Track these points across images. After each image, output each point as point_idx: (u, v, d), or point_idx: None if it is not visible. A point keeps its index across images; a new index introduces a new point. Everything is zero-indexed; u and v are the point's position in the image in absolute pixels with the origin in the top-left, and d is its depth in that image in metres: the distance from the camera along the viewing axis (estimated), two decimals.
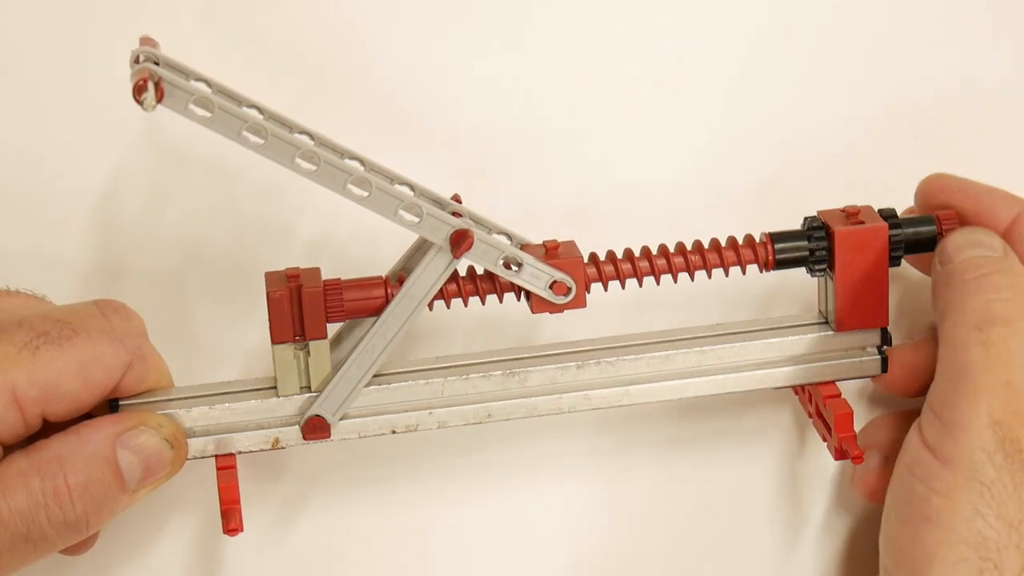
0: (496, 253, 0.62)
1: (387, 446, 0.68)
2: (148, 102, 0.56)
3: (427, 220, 0.61)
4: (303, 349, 0.63)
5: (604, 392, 0.65)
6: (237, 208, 0.68)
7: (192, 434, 0.63)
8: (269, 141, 0.58)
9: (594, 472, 0.73)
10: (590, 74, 0.70)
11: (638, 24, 0.69)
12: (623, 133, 0.70)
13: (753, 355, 0.66)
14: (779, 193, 0.71)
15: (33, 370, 0.58)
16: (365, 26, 0.68)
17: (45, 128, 0.66)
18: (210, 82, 0.59)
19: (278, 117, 0.60)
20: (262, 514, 0.71)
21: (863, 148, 0.72)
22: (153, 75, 0.56)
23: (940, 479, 0.60)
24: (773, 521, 0.74)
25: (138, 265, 0.68)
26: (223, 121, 0.58)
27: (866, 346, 0.66)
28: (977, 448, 0.59)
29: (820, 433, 0.68)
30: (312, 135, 0.61)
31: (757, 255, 0.65)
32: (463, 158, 0.69)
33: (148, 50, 0.58)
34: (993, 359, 0.60)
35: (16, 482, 0.58)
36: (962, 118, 0.72)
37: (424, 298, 0.62)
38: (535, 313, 0.63)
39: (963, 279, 0.62)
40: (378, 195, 0.60)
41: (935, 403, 0.61)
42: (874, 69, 0.71)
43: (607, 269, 0.64)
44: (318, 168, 0.59)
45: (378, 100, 0.68)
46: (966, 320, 0.61)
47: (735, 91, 0.71)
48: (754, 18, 0.70)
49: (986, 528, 0.59)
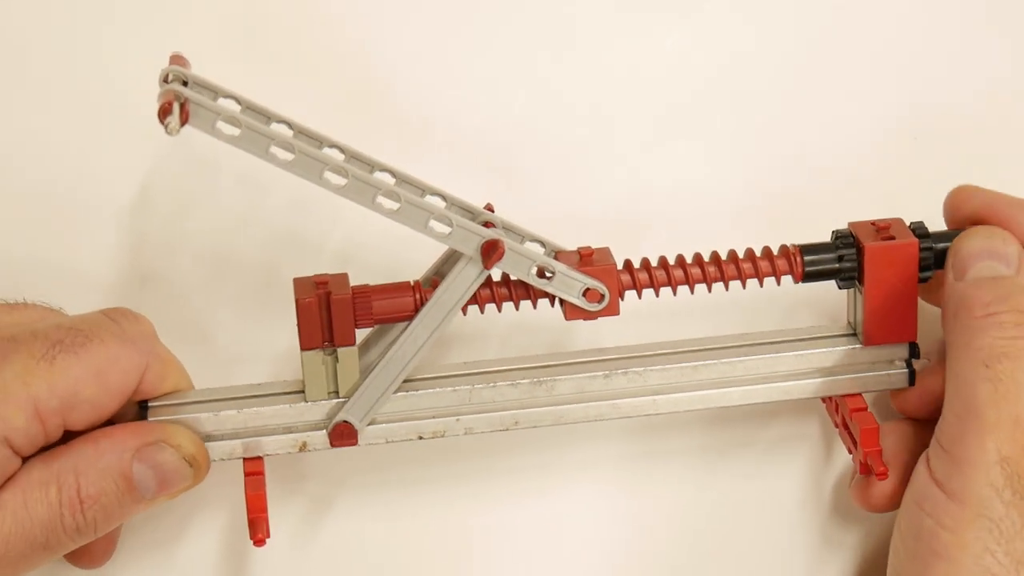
0: (528, 262, 0.62)
1: (414, 449, 0.68)
2: (172, 126, 0.56)
3: (457, 231, 0.61)
4: (331, 355, 0.63)
5: (632, 401, 0.65)
6: (266, 214, 0.68)
7: (220, 437, 0.63)
8: (297, 157, 0.58)
9: (619, 479, 0.73)
10: (622, 83, 0.70)
11: (668, 33, 0.69)
12: (643, 142, 0.70)
13: (781, 366, 0.66)
14: (798, 204, 0.71)
15: (52, 380, 0.58)
16: (394, 34, 0.68)
17: (73, 137, 0.67)
18: (239, 99, 0.59)
19: (307, 131, 0.61)
20: (290, 514, 0.71)
21: (886, 159, 0.72)
22: (179, 96, 0.56)
23: (949, 514, 0.60)
24: (798, 531, 0.74)
25: (164, 270, 0.68)
26: (251, 139, 0.58)
27: (894, 359, 0.66)
28: (986, 484, 0.59)
29: (846, 444, 0.68)
30: (342, 148, 0.61)
31: (783, 267, 0.65)
32: (493, 165, 0.69)
33: (177, 69, 0.58)
34: (1002, 395, 0.60)
35: (38, 493, 0.58)
36: (982, 127, 0.72)
37: (455, 307, 0.62)
38: (568, 320, 0.64)
39: (970, 316, 0.61)
40: (408, 208, 0.60)
41: (943, 439, 0.61)
42: (897, 78, 0.71)
43: (641, 276, 0.64)
44: (347, 183, 0.59)
45: (408, 109, 0.68)
46: (973, 356, 0.60)
47: (756, 101, 0.70)
48: (797, 24, 0.70)
49: (995, 565, 0.59)
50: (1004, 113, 0.72)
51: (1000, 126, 0.72)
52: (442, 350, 0.70)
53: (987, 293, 0.61)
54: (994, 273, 0.62)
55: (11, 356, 0.58)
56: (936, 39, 0.71)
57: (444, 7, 0.68)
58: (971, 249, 0.63)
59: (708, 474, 0.73)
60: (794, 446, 0.73)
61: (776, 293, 0.69)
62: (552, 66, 0.69)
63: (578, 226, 0.68)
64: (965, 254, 0.63)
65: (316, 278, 0.62)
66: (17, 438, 0.58)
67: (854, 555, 0.75)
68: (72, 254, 0.67)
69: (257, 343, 0.69)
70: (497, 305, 0.64)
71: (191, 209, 0.68)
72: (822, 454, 0.74)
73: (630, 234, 0.70)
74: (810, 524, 0.74)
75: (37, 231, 0.67)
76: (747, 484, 0.73)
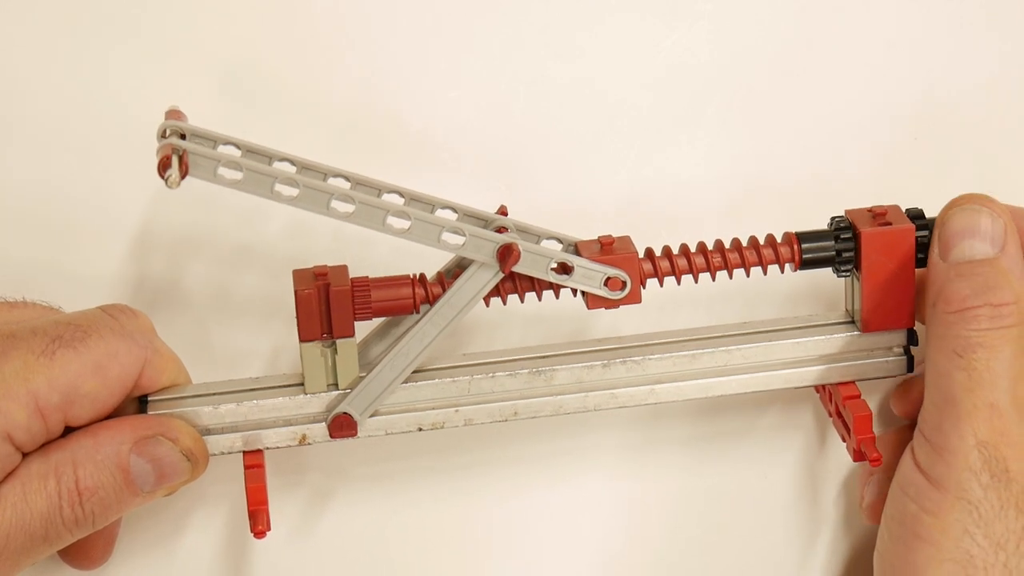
0: (545, 261, 0.63)
1: (415, 440, 0.68)
2: (172, 179, 0.57)
3: (471, 241, 0.61)
4: (331, 347, 0.63)
5: (630, 391, 0.65)
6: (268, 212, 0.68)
7: (220, 431, 0.63)
8: (302, 192, 0.59)
9: (617, 468, 0.73)
10: (623, 76, 0.70)
11: (669, 26, 0.69)
12: (644, 135, 0.70)
13: (780, 354, 0.66)
14: (798, 201, 0.71)
15: (52, 375, 0.58)
16: (394, 34, 0.68)
17: (75, 148, 0.67)
18: (238, 144, 0.60)
19: (310, 165, 0.61)
20: (290, 508, 0.71)
21: (885, 155, 0.72)
22: (177, 149, 0.57)
23: (931, 499, 0.61)
24: (792, 519, 0.75)
25: (164, 270, 0.68)
26: (254, 181, 0.58)
27: (892, 346, 0.66)
28: (964, 469, 0.60)
29: (840, 433, 0.68)
30: (347, 176, 0.62)
31: (783, 255, 0.65)
32: (474, 159, 0.69)
33: (174, 123, 0.59)
34: (976, 382, 0.61)
35: (37, 485, 0.58)
36: (981, 122, 0.72)
37: (465, 307, 0.62)
38: (591, 309, 0.64)
39: (947, 309, 0.62)
40: (418, 225, 0.61)
41: (924, 427, 0.62)
42: (896, 73, 0.71)
43: (663, 265, 0.64)
44: (355, 209, 0.60)
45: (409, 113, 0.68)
46: (947, 347, 0.61)
47: (755, 93, 0.71)
48: (774, 16, 0.70)
49: (974, 547, 0.60)
50: (1003, 109, 0.72)
51: (999, 121, 0.72)
52: (463, 339, 0.70)
53: (965, 286, 0.62)
54: (977, 254, 0.63)
55: (11, 352, 0.58)
56: (934, 34, 0.71)
57: (443, 7, 0.68)
58: (955, 227, 0.63)
59: (704, 462, 0.73)
60: (789, 435, 0.74)
61: (776, 284, 0.69)
62: (552, 64, 0.69)
63: (579, 222, 0.68)
64: (950, 231, 0.63)
65: (316, 269, 0.62)
66: (18, 434, 0.58)
67: (847, 542, 0.75)
68: (72, 256, 0.67)
69: (255, 342, 0.69)
70: (520, 296, 0.64)
71: (193, 211, 0.68)
72: (816, 442, 0.74)
73: (629, 229, 0.70)
74: (804, 511, 0.75)
75: (37, 234, 0.67)
76: (743, 472, 0.74)
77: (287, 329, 0.66)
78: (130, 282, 0.68)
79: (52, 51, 0.66)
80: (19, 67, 0.66)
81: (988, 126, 0.72)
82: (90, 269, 0.67)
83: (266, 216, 0.68)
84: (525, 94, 0.69)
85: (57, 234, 0.67)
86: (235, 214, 0.68)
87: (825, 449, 0.74)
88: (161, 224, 0.68)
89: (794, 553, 0.75)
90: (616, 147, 0.70)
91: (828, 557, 0.75)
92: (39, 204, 0.67)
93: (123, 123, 0.66)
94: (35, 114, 0.66)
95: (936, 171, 0.69)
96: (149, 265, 0.68)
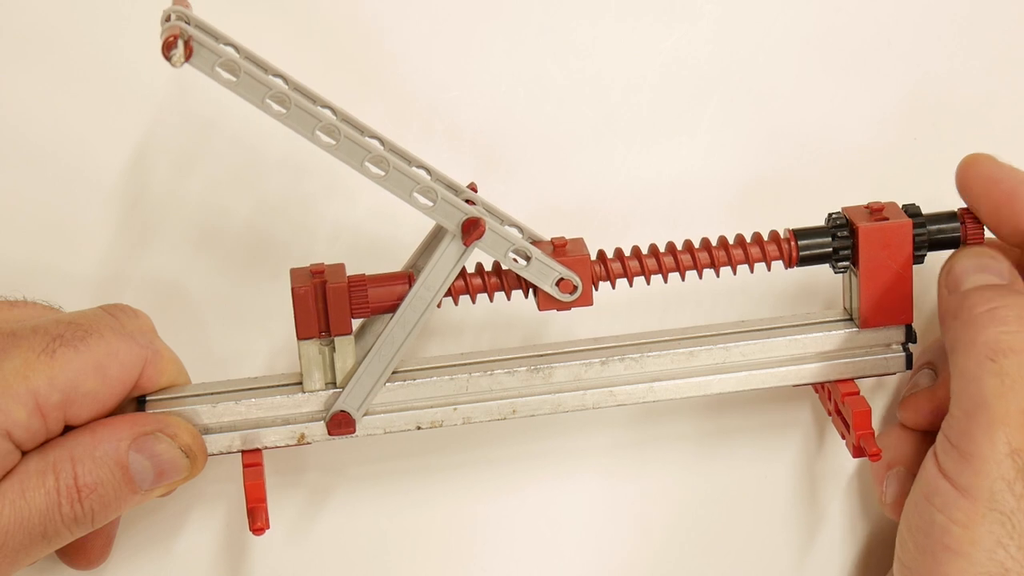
0: (506, 244, 0.62)
1: (413, 439, 0.68)
2: (176, 58, 0.56)
3: (441, 205, 0.61)
4: (328, 345, 0.63)
5: (628, 388, 0.65)
6: (266, 213, 0.68)
7: (218, 429, 0.63)
8: (291, 111, 0.58)
9: (615, 466, 0.73)
10: (608, 71, 0.70)
11: (651, 22, 0.69)
12: (637, 130, 0.70)
13: (778, 352, 0.66)
14: (797, 198, 0.71)
15: (52, 374, 0.58)
16: (388, 21, 0.68)
17: (76, 148, 0.67)
18: (238, 47, 0.59)
19: (303, 89, 0.60)
20: (289, 505, 0.71)
21: (877, 145, 0.72)
22: (183, 33, 0.56)
23: (960, 509, 0.59)
24: (791, 517, 0.75)
25: (163, 271, 0.68)
26: (248, 86, 0.57)
27: (891, 343, 0.66)
28: (997, 478, 0.59)
29: (839, 431, 0.68)
30: (335, 110, 0.61)
31: (781, 251, 0.65)
32: (476, 153, 0.69)
33: (180, 9, 0.58)
34: (1008, 387, 0.59)
35: (35, 482, 0.58)
36: (980, 116, 0.72)
37: (440, 288, 0.62)
38: (541, 311, 0.63)
39: (972, 313, 0.61)
40: (395, 175, 0.60)
41: (951, 434, 0.61)
42: (894, 67, 0.71)
43: (615, 267, 0.64)
44: (338, 143, 0.59)
45: (397, 94, 0.68)
46: (978, 352, 0.60)
47: (746, 89, 0.71)
48: (773, 15, 0.70)
49: (1007, 559, 0.59)
50: (1002, 108, 0.72)
51: (997, 116, 0.72)
52: (421, 344, 0.70)
53: (987, 291, 0.61)
54: (989, 281, 0.63)
55: (11, 351, 0.58)
56: (934, 33, 0.71)
57: (443, 7, 0.68)
58: (963, 266, 0.63)
59: (702, 460, 0.73)
60: (787, 432, 0.74)
61: (776, 282, 0.70)
62: (552, 64, 0.69)
63: (579, 221, 0.68)
64: (959, 271, 0.63)
65: (312, 267, 0.62)
66: (18, 432, 0.58)
67: (847, 540, 0.75)
68: (71, 256, 0.67)
69: (254, 341, 0.69)
70: (471, 296, 0.63)
71: (193, 211, 0.68)
72: (815, 441, 0.74)
73: (628, 227, 0.70)
74: (803, 509, 0.75)
75: (37, 234, 0.67)
76: (741, 470, 0.74)
77: (287, 329, 0.66)
78: (130, 282, 0.68)
79: (51, 49, 0.66)
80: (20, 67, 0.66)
81: (987, 126, 0.72)
82: (90, 269, 0.67)
83: (266, 216, 0.68)
84: (525, 93, 0.69)
85: (57, 234, 0.67)
86: (235, 214, 0.68)
87: (824, 447, 0.74)
88: (161, 224, 0.68)
89: (792, 551, 0.75)
90: (616, 146, 0.70)
91: (827, 555, 0.75)
92: (39, 204, 0.67)
93: (123, 122, 0.66)
94: (35, 115, 0.66)
95: (935, 170, 0.69)
96: (149, 265, 0.68)
